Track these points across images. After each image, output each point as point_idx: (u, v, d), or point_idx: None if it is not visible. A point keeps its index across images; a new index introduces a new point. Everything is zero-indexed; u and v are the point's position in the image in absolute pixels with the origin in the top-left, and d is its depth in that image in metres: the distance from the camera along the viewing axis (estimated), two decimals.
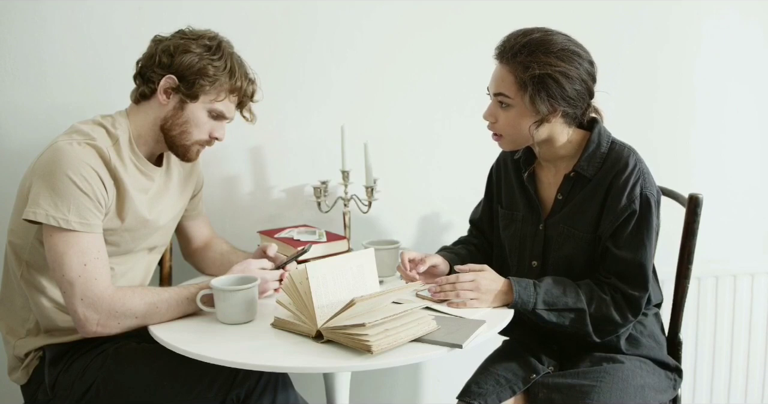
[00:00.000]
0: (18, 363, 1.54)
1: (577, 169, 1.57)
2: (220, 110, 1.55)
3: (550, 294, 1.51)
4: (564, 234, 1.59)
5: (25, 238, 1.49)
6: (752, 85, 2.35)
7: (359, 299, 1.27)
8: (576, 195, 1.58)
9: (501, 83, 1.52)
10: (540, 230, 1.62)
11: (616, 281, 1.52)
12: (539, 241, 1.63)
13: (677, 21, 2.26)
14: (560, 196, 1.61)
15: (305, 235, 1.88)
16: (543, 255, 1.62)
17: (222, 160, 1.94)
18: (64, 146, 1.42)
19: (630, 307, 1.51)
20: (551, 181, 1.64)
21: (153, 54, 1.53)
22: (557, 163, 1.62)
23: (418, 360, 1.30)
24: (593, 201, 1.55)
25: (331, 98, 2.08)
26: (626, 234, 1.51)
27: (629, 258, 1.51)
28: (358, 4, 2.06)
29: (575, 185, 1.58)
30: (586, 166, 1.56)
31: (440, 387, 2.35)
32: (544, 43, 1.48)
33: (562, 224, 1.59)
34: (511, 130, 1.55)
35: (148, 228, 1.58)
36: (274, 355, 1.30)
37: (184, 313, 1.48)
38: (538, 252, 1.63)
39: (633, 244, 1.51)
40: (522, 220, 1.68)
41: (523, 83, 1.47)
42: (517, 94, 1.50)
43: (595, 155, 1.56)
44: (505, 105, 1.52)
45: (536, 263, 1.63)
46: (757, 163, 2.41)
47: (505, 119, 1.54)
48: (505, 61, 1.51)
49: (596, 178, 1.55)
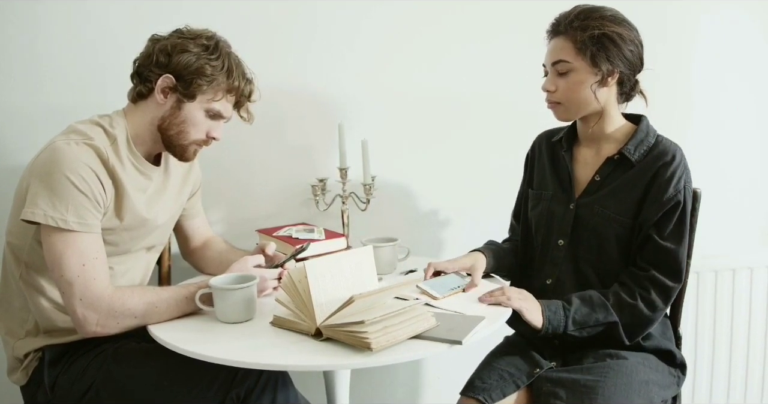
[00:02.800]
0: (17, 363, 1.54)
1: (623, 151, 1.59)
2: (218, 110, 1.55)
3: (580, 314, 1.53)
4: (598, 215, 1.60)
5: (23, 239, 1.49)
6: (750, 81, 2.35)
7: (358, 296, 1.27)
8: (616, 178, 1.60)
9: (559, 51, 1.57)
10: (570, 209, 1.65)
11: (653, 272, 1.54)
12: (568, 220, 1.65)
13: (674, 17, 2.26)
14: (598, 177, 1.63)
15: (303, 233, 1.88)
16: (571, 234, 1.64)
17: (220, 158, 1.94)
18: (61, 146, 1.42)
19: (662, 298, 1.54)
20: (589, 162, 1.67)
21: (150, 53, 1.52)
22: (600, 144, 1.65)
23: (417, 356, 1.30)
24: (635, 186, 1.57)
25: (328, 96, 2.08)
26: (671, 224, 1.54)
27: (672, 249, 1.53)
28: (357, 3, 2.06)
29: (617, 168, 1.61)
30: (633, 150, 1.59)
31: (440, 383, 2.35)
32: (596, 9, 1.57)
33: (597, 205, 1.61)
34: (571, 95, 1.58)
35: (147, 228, 1.58)
36: (273, 354, 1.30)
37: (183, 313, 1.48)
38: (566, 230, 1.65)
39: (676, 235, 1.54)
40: (551, 199, 1.70)
41: (583, 44, 1.53)
42: (576, 57, 1.55)
43: (642, 142, 1.59)
44: (564, 72, 1.57)
45: (563, 241, 1.65)
46: (755, 157, 2.41)
47: (566, 84, 1.57)
48: (562, 32, 1.57)
49: (641, 164, 1.58)
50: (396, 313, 1.30)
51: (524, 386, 1.53)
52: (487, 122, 2.18)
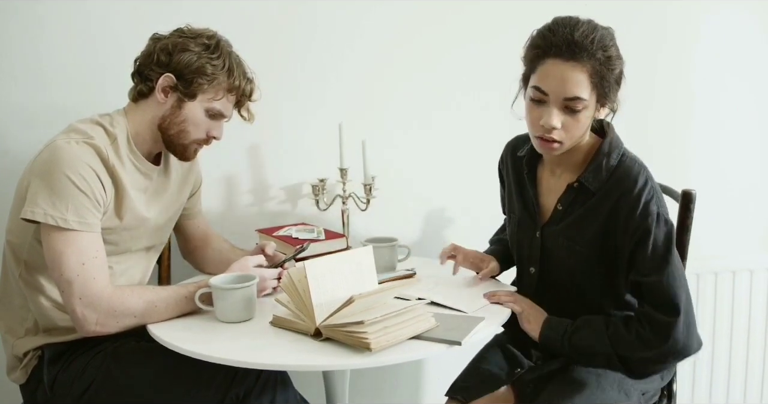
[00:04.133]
0: (17, 362, 1.54)
1: (581, 179, 1.46)
2: (218, 109, 1.55)
3: (578, 338, 1.45)
4: (563, 247, 1.50)
5: (23, 238, 1.48)
6: (750, 82, 2.35)
7: (358, 296, 1.27)
8: (578, 207, 1.48)
9: (576, 86, 1.36)
10: (537, 237, 1.55)
11: (647, 307, 1.41)
12: (536, 248, 1.55)
13: (675, 18, 2.26)
14: (560, 206, 1.51)
15: (303, 233, 1.88)
16: (540, 263, 1.56)
17: (220, 158, 1.94)
18: (62, 145, 1.42)
19: (659, 336, 1.38)
20: (552, 188, 1.54)
21: (151, 52, 1.52)
22: (563, 168, 1.52)
23: (416, 357, 1.30)
24: (597, 217, 1.45)
25: (329, 96, 2.08)
26: (647, 257, 1.39)
27: (655, 283, 1.39)
28: (357, 3, 2.06)
29: (578, 196, 1.48)
30: (591, 178, 1.45)
31: (440, 384, 2.34)
32: (607, 33, 1.40)
33: (561, 236, 1.50)
34: (577, 134, 1.42)
35: (147, 227, 1.58)
36: (273, 353, 1.30)
37: (182, 312, 1.48)
38: (535, 258, 1.56)
39: (657, 267, 1.39)
40: (519, 224, 1.61)
41: (600, 80, 1.36)
42: (591, 93, 1.38)
43: (602, 167, 1.45)
44: (575, 110, 1.38)
45: (534, 269, 1.58)
46: (755, 158, 2.41)
47: (574, 123, 1.39)
48: (577, 58, 1.35)
49: (601, 192, 1.44)
50: (395, 313, 1.30)
51: (506, 386, 1.52)
52: (487, 123, 2.18)
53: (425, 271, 1.74)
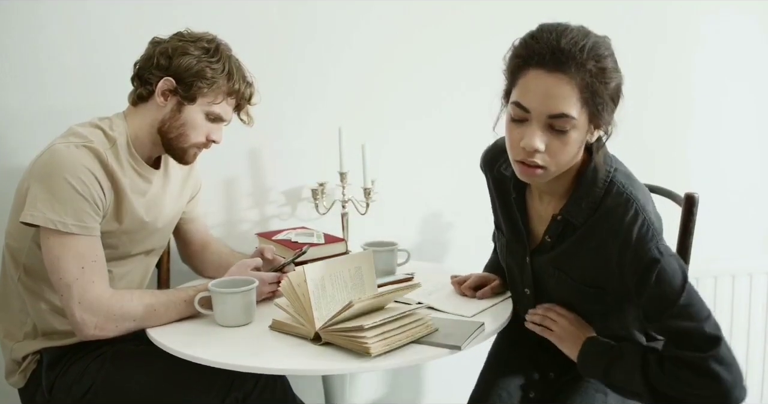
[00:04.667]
0: (15, 366, 1.53)
1: (563, 213, 1.31)
2: (218, 113, 1.55)
3: (616, 378, 1.28)
4: (554, 277, 1.37)
5: (22, 241, 1.48)
6: (750, 84, 2.36)
7: (357, 301, 1.27)
8: (565, 240, 1.34)
9: (561, 101, 1.17)
10: (527, 263, 1.42)
11: (677, 352, 1.21)
12: (527, 272, 1.43)
13: (675, 19, 2.26)
14: (548, 237, 1.36)
15: (303, 237, 1.88)
16: (534, 285, 1.44)
17: (219, 162, 1.94)
18: (61, 149, 1.42)
19: (708, 378, 1.19)
20: (542, 215, 1.39)
21: (151, 56, 1.52)
22: (551, 196, 1.37)
23: (416, 362, 1.29)
24: (585, 253, 1.30)
25: (328, 100, 2.08)
26: (666, 306, 1.20)
27: (684, 327, 1.19)
28: (355, 8, 2.06)
29: (565, 228, 1.33)
30: (574, 211, 1.29)
31: (440, 388, 2.35)
32: (602, 41, 1.20)
33: (552, 267, 1.37)
34: (564, 159, 1.23)
35: (146, 231, 1.58)
36: (272, 358, 1.30)
37: (182, 316, 1.47)
38: (528, 281, 1.44)
39: (681, 312, 1.19)
40: (507, 246, 1.47)
41: (592, 95, 1.17)
42: (581, 111, 1.19)
43: (587, 197, 1.28)
44: (562, 129, 1.19)
45: (528, 291, 1.46)
46: (755, 161, 2.41)
47: (562, 148, 1.21)
48: (564, 69, 1.16)
49: (585, 227, 1.29)
50: (395, 318, 1.30)
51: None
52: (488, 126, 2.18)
53: (425, 275, 1.73)
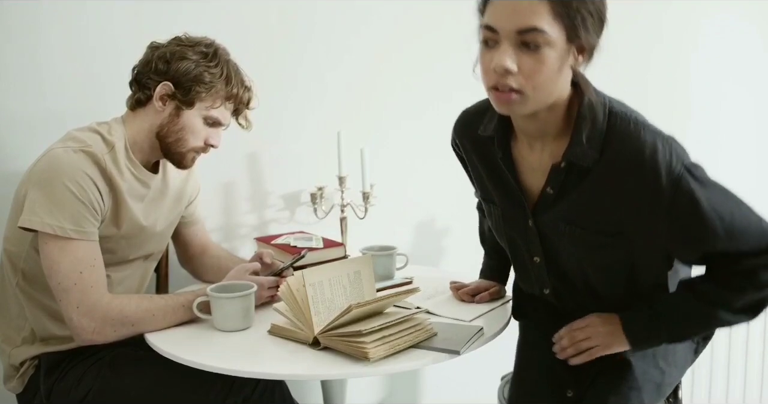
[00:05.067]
0: (13, 371, 1.53)
1: (568, 158, 1.19)
2: (216, 117, 1.55)
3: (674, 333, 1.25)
4: (566, 235, 1.24)
5: (20, 246, 1.48)
6: (748, 86, 2.36)
7: (356, 305, 1.27)
8: (573, 188, 1.21)
9: (529, 14, 1.08)
10: (531, 227, 1.28)
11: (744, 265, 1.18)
12: (534, 238, 1.29)
13: (674, 20, 2.27)
14: (550, 189, 1.23)
15: (302, 242, 1.88)
16: (544, 252, 1.30)
17: (218, 166, 1.94)
18: (59, 153, 1.42)
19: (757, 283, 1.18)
20: (536, 166, 1.26)
21: (149, 60, 1.53)
22: (544, 142, 1.24)
23: (415, 367, 1.29)
24: (601, 198, 1.18)
25: (327, 104, 2.08)
26: (709, 230, 1.16)
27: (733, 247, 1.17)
28: (354, 12, 2.06)
29: (570, 175, 1.21)
30: (580, 154, 1.17)
31: (438, 391, 2.34)
32: None
33: (562, 223, 1.23)
34: (542, 80, 1.11)
35: (145, 236, 1.58)
36: (270, 362, 1.30)
37: (180, 321, 1.47)
38: (536, 248, 1.30)
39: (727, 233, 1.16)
40: (503, 216, 1.33)
41: (566, 8, 1.08)
42: (554, 24, 1.08)
43: (591, 136, 1.16)
44: (534, 46, 1.09)
45: (538, 259, 1.32)
46: (753, 164, 2.41)
47: (537, 67, 1.09)
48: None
49: (600, 166, 1.17)
50: (393, 323, 1.30)
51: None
52: None
53: (423, 280, 1.73)
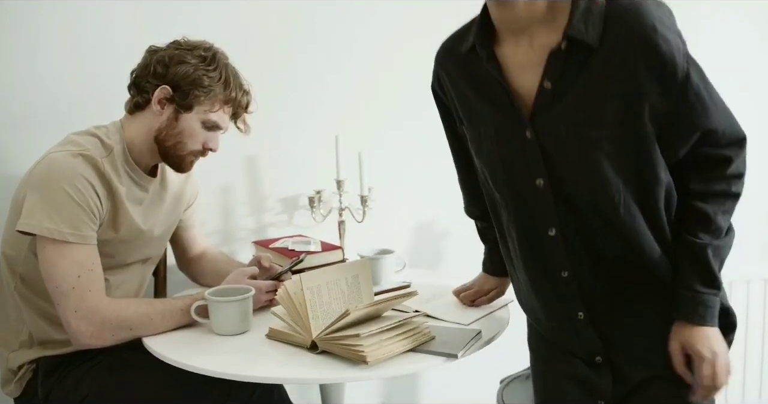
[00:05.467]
0: (11, 375, 1.53)
1: (571, 33, 1.06)
2: (215, 121, 1.55)
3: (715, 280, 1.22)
4: (571, 138, 1.10)
5: (18, 250, 1.48)
6: (748, 90, 2.36)
7: (354, 309, 1.27)
8: (575, 77, 1.09)
9: None
10: (529, 139, 1.13)
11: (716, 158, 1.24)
12: (534, 154, 1.14)
13: None
14: (548, 83, 1.10)
15: (300, 245, 1.88)
16: (548, 173, 1.15)
17: (216, 170, 1.94)
18: (58, 157, 1.42)
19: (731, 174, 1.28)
20: (526, 64, 1.13)
21: (148, 64, 1.53)
22: (530, 33, 1.12)
23: (412, 370, 1.30)
24: (610, 80, 1.06)
25: (325, 108, 2.09)
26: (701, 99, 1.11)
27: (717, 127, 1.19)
28: (352, 16, 2.07)
29: (570, 62, 1.09)
30: (583, 27, 1.05)
31: (436, 394, 2.34)
32: None
33: (563, 124, 1.10)
34: None
35: (143, 239, 1.57)
36: (269, 366, 1.30)
37: (178, 324, 1.47)
38: (538, 168, 1.15)
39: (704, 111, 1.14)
40: (496, 136, 1.19)
41: None
42: None
43: (590, 11, 1.06)
44: None
45: (542, 181, 1.16)
46: (752, 168, 2.41)
47: None
48: None
49: (605, 42, 1.05)
50: (391, 326, 1.30)
51: None
52: None
53: (421, 283, 1.73)
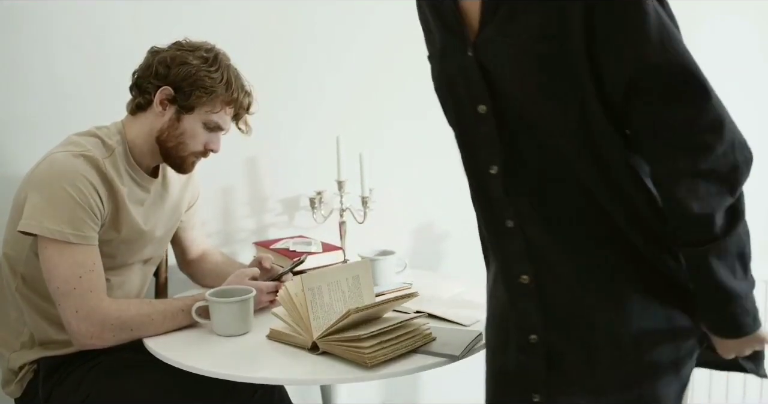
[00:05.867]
0: (12, 376, 1.53)
1: None
2: (216, 122, 1.55)
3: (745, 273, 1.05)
4: (505, 55, 1.02)
5: (20, 250, 1.48)
6: (749, 86, 2.36)
7: (355, 310, 1.27)
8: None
9: None
10: (469, 57, 1.05)
11: None
12: (474, 77, 1.06)
13: None
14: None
15: (301, 246, 1.88)
16: (491, 97, 1.06)
17: (218, 171, 1.94)
18: (59, 158, 1.42)
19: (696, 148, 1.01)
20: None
21: (150, 65, 1.53)
22: None
23: (413, 371, 1.29)
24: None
25: (326, 109, 2.09)
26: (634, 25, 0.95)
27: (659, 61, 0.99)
28: (353, 17, 2.07)
29: None
30: None
31: (437, 395, 2.34)
32: None
33: (500, 36, 1.01)
34: None
35: (144, 240, 1.58)
36: (269, 367, 1.30)
37: (179, 325, 1.47)
38: (478, 90, 1.06)
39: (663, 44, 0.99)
40: (443, 55, 1.13)
41: None
42: None
43: None
44: None
45: (484, 107, 1.07)
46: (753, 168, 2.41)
47: None
48: None
49: None
50: (392, 327, 1.30)
51: None
52: None
53: (422, 284, 1.73)
